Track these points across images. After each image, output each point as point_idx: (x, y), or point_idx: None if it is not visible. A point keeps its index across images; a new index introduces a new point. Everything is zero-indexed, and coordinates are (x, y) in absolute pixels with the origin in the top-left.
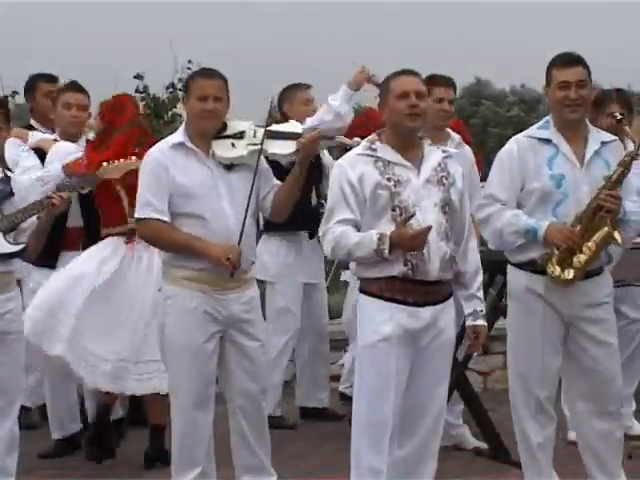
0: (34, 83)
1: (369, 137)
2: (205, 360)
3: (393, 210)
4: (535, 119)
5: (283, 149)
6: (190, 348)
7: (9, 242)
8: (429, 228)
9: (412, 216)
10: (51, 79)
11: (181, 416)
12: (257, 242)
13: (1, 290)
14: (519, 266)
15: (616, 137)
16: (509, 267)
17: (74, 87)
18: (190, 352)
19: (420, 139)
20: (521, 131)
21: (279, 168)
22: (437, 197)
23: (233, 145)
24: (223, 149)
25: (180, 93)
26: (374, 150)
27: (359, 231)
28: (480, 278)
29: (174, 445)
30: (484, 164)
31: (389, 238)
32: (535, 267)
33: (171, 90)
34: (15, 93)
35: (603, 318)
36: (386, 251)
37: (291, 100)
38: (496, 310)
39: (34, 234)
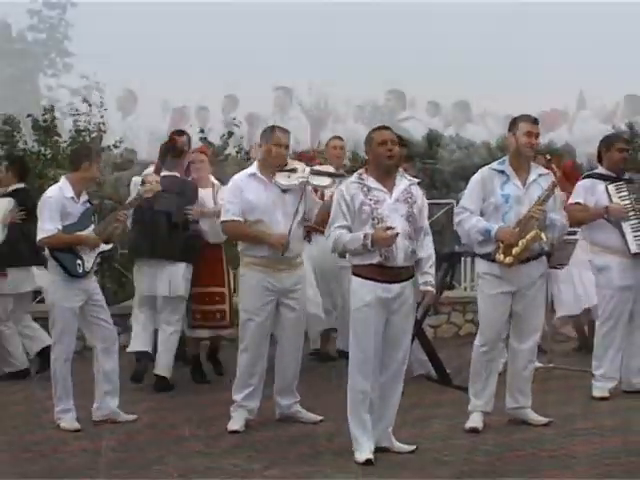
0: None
1: (359, 170)
2: (263, 318)
3: (373, 220)
4: (469, 160)
5: (321, 182)
6: (252, 310)
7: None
8: (397, 234)
9: (392, 229)
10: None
11: (246, 353)
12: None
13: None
14: (483, 257)
15: (549, 171)
16: (477, 259)
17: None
18: (251, 312)
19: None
20: (463, 168)
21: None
22: (404, 211)
23: (288, 176)
24: (281, 178)
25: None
26: (362, 179)
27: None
28: (431, 261)
29: (239, 372)
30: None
31: (371, 236)
32: (493, 258)
33: (225, 139)
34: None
35: (538, 286)
36: (369, 244)
37: (327, 145)
38: (443, 285)
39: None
